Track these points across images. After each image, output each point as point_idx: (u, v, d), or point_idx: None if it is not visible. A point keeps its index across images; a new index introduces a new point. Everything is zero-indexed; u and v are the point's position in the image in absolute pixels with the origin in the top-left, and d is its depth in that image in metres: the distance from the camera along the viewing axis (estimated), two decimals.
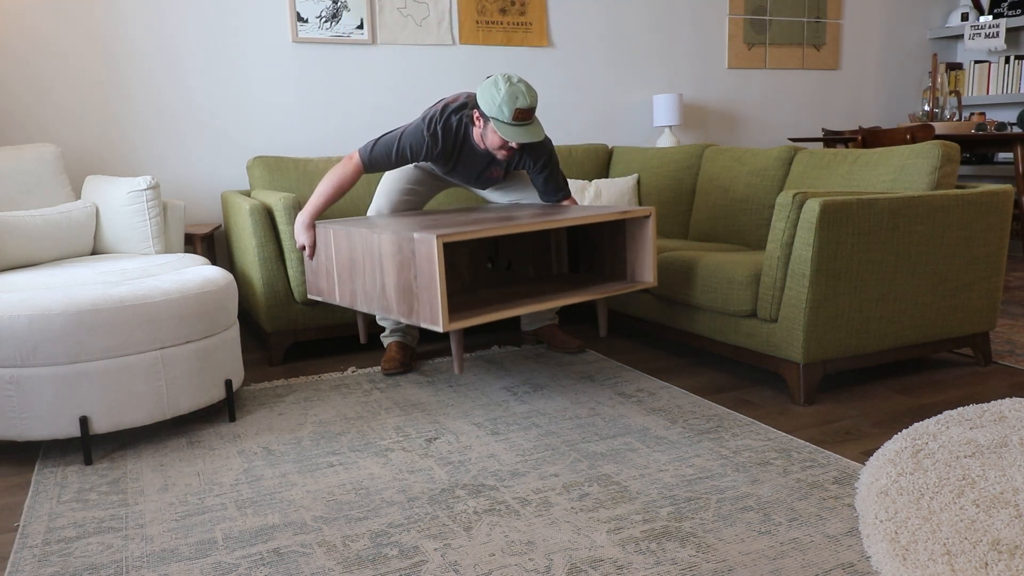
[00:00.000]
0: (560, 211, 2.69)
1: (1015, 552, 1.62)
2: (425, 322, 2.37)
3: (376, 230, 2.50)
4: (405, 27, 4.26)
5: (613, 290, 2.73)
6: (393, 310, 2.50)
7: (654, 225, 2.69)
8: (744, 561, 1.68)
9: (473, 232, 2.32)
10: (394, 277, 2.45)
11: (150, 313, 2.37)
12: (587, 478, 2.10)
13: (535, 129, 2.63)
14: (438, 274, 2.26)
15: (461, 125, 2.74)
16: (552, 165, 2.89)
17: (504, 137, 2.59)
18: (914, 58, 5.82)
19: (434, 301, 2.30)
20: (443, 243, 2.29)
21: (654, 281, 2.74)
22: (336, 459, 2.29)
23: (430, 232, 2.28)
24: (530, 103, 2.57)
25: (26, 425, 2.28)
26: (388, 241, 2.44)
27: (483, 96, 2.60)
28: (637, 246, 2.77)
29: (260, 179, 3.69)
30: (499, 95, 2.55)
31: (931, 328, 2.77)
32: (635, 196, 4.03)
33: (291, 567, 1.72)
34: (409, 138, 2.71)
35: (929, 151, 2.78)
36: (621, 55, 4.84)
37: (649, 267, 2.73)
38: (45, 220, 3.03)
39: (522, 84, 2.58)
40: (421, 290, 2.35)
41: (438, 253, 2.26)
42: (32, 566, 1.76)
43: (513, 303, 2.60)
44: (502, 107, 2.55)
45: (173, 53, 3.83)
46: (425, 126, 2.71)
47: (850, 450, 2.25)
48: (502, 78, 2.58)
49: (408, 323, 2.55)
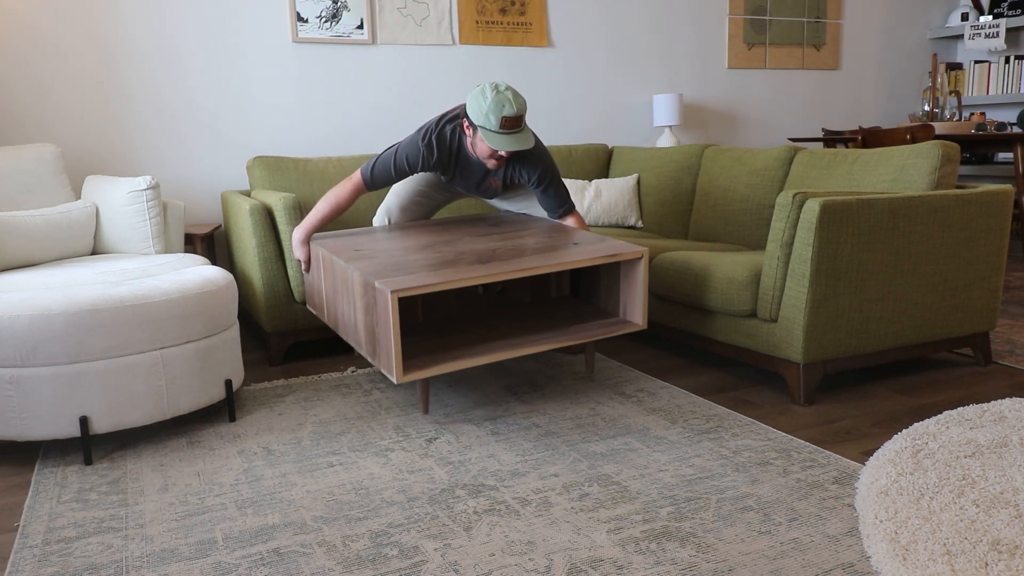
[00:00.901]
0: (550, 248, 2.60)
1: (1015, 552, 1.62)
2: (384, 369, 2.36)
3: (352, 263, 2.47)
4: (405, 27, 4.26)
5: (598, 334, 2.62)
6: (363, 347, 2.49)
7: (646, 267, 2.60)
8: (744, 561, 1.68)
9: (437, 284, 2.27)
10: (363, 316, 2.44)
11: (150, 313, 2.37)
12: (587, 478, 2.10)
13: (523, 137, 2.62)
14: (392, 328, 2.23)
15: (455, 135, 2.75)
16: (550, 179, 2.84)
17: (491, 145, 2.60)
18: (914, 58, 5.82)
19: (389, 351, 2.28)
20: (398, 298, 2.24)
21: (643, 324, 2.65)
22: (336, 459, 2.29)
23: (388, 282, 2.24)
24: (517, 111, 2.56)
25: (26, 425, 2.28)
26: (358, 281, 2.41)
27: (471, 105, 2.61)
28: (629, 285, 2.68)
29: (260, 179, 3.69)
30: (486, 103, 2.55)
31: (931, 328, 2.77)
32: (635, 196, 4.03)
33: (291, 567, 1.72)
34: (406, 150, 2.74)
35: (929, 151, 2.78)
36: (621, 55, 4.84)
37: (639, 309, 2.64)
38: (45, 220, 3.03)
39: (509, 92, 2.58)
40: (381, 337, 2.33)
41: (392, 307, 2.21)
42: (32, 566, 1.76)
43: (484, 347, 2.53)
44: (489, 115, 2.56)
45: (173, 53, 3.83)
46: (420, 137, 2.74)
47: (850, 450, 2.25)
48: (489, 87, 2.58)
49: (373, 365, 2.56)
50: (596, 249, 2.54)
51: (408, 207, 3.04)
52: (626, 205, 4.01)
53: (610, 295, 2.79)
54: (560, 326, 2.70)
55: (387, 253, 2.57)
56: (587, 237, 2.70)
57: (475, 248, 2.62)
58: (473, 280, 2.33)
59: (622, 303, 2.73)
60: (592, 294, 2.91)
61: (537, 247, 2.60)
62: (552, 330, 2.66)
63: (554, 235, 2.75)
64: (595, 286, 2.88)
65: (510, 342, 2.57)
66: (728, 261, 2.81)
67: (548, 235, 2.76)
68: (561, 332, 2.64)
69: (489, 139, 2.59)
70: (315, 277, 2.83)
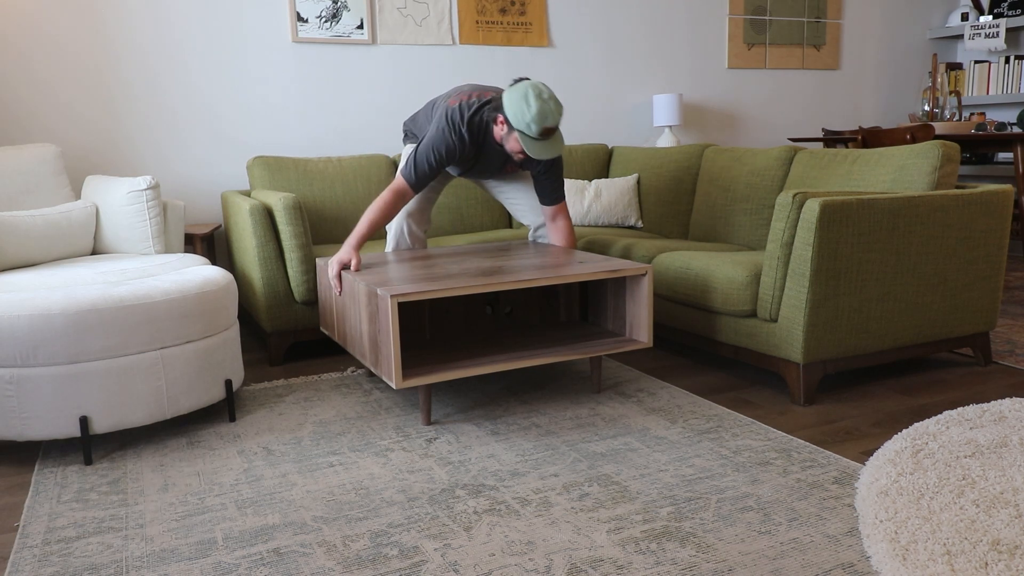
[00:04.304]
0: (552, 264, 2.62)
1: (1015, 552, 1.62)
2: (385, 376, 2.40)
3: (359, 276, 2.53)
4: (405, 27, 4.26)
5: (603, 349, 2.64)
6: (367, 357, 2.53)
7: (650, 284, 2.61)
8: (744, 561, 1.68)
9: (438, 291, 2.31)
10: (367, 326, 2.48)
11: (150, 313, 2.37)
12: (587, 478, 2.10)
13: (556, 144, 2.66)
14: (392, 332, 2.28)
15: (483, 124, 2.76)
16: (558, 169, 2.91)
17: (529, 153, 2.63)
18: (914, 58, 5.82)
19: (389, 356, 2.32)
20: (398, 303, 2.31)
21: (649, 342, 2.65)
22: (336, 459, 2.29)
23: (389, 289, 2.30)
24: (557, 121, 2.61)
25: (26, 425, 2.28)
26: (363, 291, 2.46)
27: (512, 107, 2.60)
28: (635, 302, 2.69)
29: (260, 179, 3.69)
30: (529, 112, 2.56)
31: (931, 328, 2.77)
32: (635, 196, 4.03)
33: (291, 567, 1.72)
34: (437, 144, 2.74)
35: (929, 151, 2.78)
36: (621, 55, 4.84)
37: (644, 326, 2.65)
38: (45, 220, 3.03)
39: (552, 102, 2.59)
40: (383, 344, 2.37)
41: (392, 311, 2.26)
42: (32, 566, 1.76)
43: (487, 359, 2.56)
44: (531, 124, 2.58)
45: (173, 53, 3.83)
46: (451, 128, 2.73)
47: (850, 450, 2.25)
48: (533, 93, 2.57)
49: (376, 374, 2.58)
50: (600, 265, 2.57)
51: (420, 206, 3.04)
52: (626, 205, 4.01)
53: (617, 317, 2.81)
54: (565, 343, 2.72)
55: (396, 269, 2.63)
56: (592, 257, 2.73)
57: (480, 265, 2.67)
58: (475, 288, 2.36)
59: (628, 321, 2.74)
60: (600, 316, 2.93)
61: (542, 264, 2.64)
62: (557, 345, 2.69)
63: (560, 255, 2.79)
64: (602, 308, 2.90)
65: (512, 355, 2.60)
66: (728, 261, 2.81)
67: (554, 255, 2.80)
68: (565, 348, 2.66)
69: (527, 146, 2.62)
70: (327, 297, 2.87)
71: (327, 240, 3.75)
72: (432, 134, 2.76)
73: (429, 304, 2.90)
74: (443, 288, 2.32)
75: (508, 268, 2.58)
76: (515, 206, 3.13)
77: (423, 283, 2.36)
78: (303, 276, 3.17)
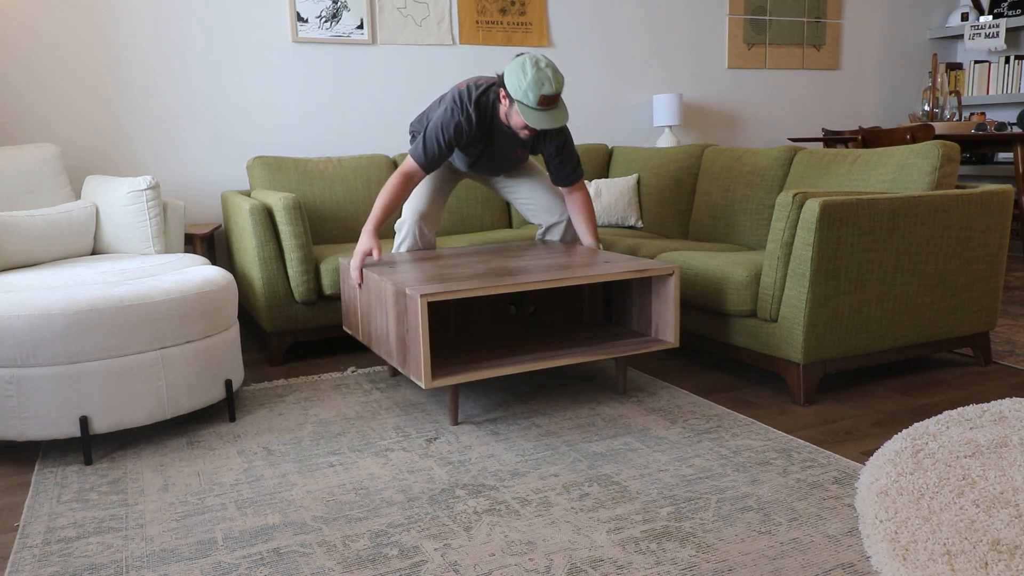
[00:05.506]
0: (578, 264, 2.62)
1: (1015, 552, 1.62)
2: (413, 376, 2.40)
3: (386, 276, 2.52)
4: (405, 27, 4.26)
5: (628, 350, 2.63)
6: (393, 357, 2.54)
7: (677, 284, 2.60)
8: (744, 561, 1.68)
9: (467, 291, 2.32)
10: (395, 326, 2.48)
11: (150, 313, 2.37)
12: (587, 478, 2.10)
13: (559, 114, 2.64)
14: (421, 332, 2.28)
15: (490, 103, 2.77)
16: (568, 148, 2.89)
17: (527, 121, 2.62)
18: (914, 58, 5.82)
19: (419, 356, 2.32)
20: (427, 303, 2.31)
21: (675, 342, 2.64)
22: (336, 459, 2.29)
23: (418, 288, 2.30)
24: (556, 89, 2.58)
25: (26, 425, 2.28)
26: (390, 291, 2.47)
27: (510, 78, 2.61)
28: (661, 303, 2.69)
29: (260, 179, 3.69)
30: (525, 79, 2.56)
31: (931, 328, 2.77)
32: (635, 196, 4.03)
33: (291, 567, 1.72)
34: (444, 126, 2.74)
35: (929, 151, 2.78)
36: (621, 55, 4.84)
37: (671, 326, 2.64)
38: (45, 220, 3.03)
39: (549, 69, 2.58)
40: (411, 343, 2.37)
41: (422, 311, 2.26)
42: (32, 566, 1.76)
43: (513, 359, 2.56)
44: (528, 92, 2.57)
45: (174, 53, 3.83)
46: (459, 108, 2.74)
47: (850, 450, 2.25)
48: (530, 62, 2.58)
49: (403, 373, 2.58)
50: (627, 265, 2.57)
51: (432, 209, 3.04)
52: (626, 205, 4.01)
53: (642, 317, 2.81)
54: (590, 343, 2.72)
55: (420, 269, 2.63)
56: (617, 256, 2.74)
57: (506, 264, 2.67)
58: (503, 288, 2.36)
59: (654, 321, 2.74)
60: (624, 316, 2.92)
61: (568, 264, 2.64)
62: (582, 346, 2.69)
63: (585, 255, 2.79)
64: (627, 308, 2.90)
65: (539, 355, 2.59)
66: (728, 261, 2.81)
67: (579, 255, 2.80)
68: (590, 348, 2.66)
69: (525, 115, 2.61)
70: (350, 296, 2.87)
71: (327, 240, 3.75)
72: (441, 115, 2.76)
73: (454, 304, 2.91)
74: (473, 288, 2.33)
75: (534, 268, 2.59)
76: (526, 205, 3.13)
77: (452, 283, 2.37)
78: (303, 276, 3.17)
